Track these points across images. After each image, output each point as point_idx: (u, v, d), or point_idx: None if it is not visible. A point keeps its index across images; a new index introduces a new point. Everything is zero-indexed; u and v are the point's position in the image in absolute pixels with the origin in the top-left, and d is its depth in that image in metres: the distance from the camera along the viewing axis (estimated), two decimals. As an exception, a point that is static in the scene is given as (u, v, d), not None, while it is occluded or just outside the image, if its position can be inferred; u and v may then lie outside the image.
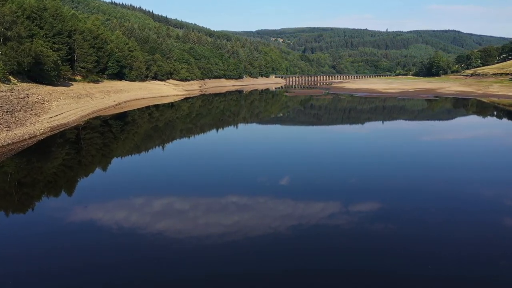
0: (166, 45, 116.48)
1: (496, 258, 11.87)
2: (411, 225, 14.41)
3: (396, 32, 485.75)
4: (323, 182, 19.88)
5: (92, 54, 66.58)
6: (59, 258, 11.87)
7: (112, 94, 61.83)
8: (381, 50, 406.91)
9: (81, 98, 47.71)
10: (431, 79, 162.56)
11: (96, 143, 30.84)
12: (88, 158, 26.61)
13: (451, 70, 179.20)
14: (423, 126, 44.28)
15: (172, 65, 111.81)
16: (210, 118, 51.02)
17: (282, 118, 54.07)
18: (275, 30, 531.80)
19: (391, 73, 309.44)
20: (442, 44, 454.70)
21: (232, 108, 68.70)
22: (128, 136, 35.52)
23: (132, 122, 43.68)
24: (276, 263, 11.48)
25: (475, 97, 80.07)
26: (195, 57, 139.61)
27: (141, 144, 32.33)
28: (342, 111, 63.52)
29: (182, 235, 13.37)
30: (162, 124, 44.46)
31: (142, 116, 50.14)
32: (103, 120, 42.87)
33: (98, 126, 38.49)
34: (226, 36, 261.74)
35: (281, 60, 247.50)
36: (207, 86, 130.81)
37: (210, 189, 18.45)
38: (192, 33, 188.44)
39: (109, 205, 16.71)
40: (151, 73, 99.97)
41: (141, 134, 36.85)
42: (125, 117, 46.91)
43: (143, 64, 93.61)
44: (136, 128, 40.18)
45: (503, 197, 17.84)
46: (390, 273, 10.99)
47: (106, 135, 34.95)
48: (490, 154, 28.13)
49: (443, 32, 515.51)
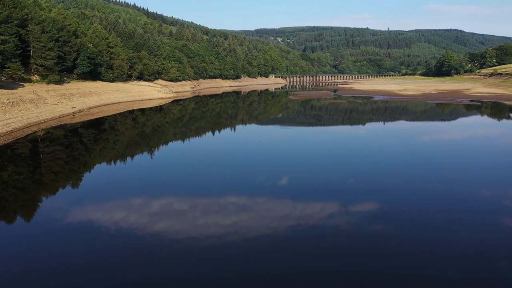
0: (154, 41, 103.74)
1: (497, 258, 11.69)
2: (411, 225, 14.11)
3: (397, 31, 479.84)
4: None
5: (54, 48, 54.13)
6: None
7: (76, 98, 49.45)
8: (383, 49, 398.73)
9: (17, 106, 35.08)
10: (444, 80, 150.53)
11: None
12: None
13: (464, 69, 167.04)
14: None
15: (160, 63, 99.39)
16: (205, 122, 44.05)
17: (296, 140, 34.01)
18: (274, 29, 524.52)
19: (394, 72, 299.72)
20: (445, 43, 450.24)
21: (229, 110, 57.17)
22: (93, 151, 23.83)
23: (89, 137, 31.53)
24: (276, 264, 11.32)
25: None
26: (188, 55, 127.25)
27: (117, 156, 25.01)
28: (383, 128, 41.47)
29: (181, 235, 13.11)
30: (149, 130, 37.83)
31: (113, 125, 38.00)
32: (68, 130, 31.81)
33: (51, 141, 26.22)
34: (223, 34, 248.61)
35: (281, 59, 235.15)
36: (201, 87, 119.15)
37: (208, 190, 17.92)
38: (186, 29, 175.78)
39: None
40: (136, 72, 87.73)
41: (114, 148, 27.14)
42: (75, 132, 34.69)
43: (125, 62, 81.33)
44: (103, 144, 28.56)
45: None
46: (390, 273, 10.76)
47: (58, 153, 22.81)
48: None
49: (445, 31, 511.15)
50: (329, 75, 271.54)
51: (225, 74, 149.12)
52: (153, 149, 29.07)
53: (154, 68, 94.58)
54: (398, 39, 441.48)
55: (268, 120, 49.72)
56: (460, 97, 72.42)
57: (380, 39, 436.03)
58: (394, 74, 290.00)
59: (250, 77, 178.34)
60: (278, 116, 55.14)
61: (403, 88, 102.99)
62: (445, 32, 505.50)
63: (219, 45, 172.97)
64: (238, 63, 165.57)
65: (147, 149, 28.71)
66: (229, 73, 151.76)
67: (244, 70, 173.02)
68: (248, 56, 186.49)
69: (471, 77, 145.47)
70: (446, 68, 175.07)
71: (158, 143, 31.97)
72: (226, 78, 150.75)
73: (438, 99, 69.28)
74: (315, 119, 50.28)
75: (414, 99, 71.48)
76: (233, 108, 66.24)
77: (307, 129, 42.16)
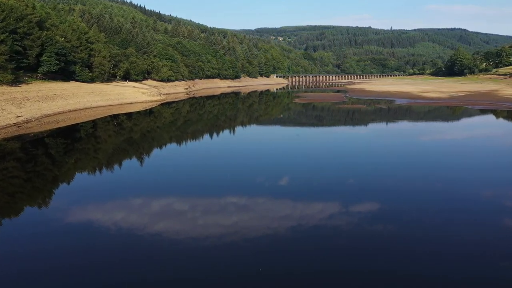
0: (144, 37, 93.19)
1: (497, 258, 11.17)
2: (412, 225, 13.49)
3: (401, 30, 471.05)
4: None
5: (8, 41, 43.85)
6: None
7: (30, 103, 39.17)
8: (386, 49, 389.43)
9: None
10: (459, 80, 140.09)
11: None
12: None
13: (478, 68, 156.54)
14: None
15: (150, 62, 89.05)
16: (202, 124, 39.84)
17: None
18: (275, 29, 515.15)
19: (399, 72, 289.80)
20: (449, 42, 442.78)
21: (227, 112, 49.35)
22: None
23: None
24: (276, 264, 10.92)
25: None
26: (183, 53, 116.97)
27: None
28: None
29: (181, 236, 12.72)
30: (137, 136, 33.83)
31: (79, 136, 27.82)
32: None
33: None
34: (223, 33, 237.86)
35: (283, 59, 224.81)
36: (197, 88, 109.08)
37: (207, 191, 17.30)
38: (182, 26, 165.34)
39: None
40: (121, 72, 77.47)
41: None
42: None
43: (108, 60, 71.07)
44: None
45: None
46: (391, 274, 10.34)
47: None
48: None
49: (449, 30, 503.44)
50: (332, 75, 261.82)
51: (224, 74, 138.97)
52: (142, 157, 25.83)
53: (143, 67, 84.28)
54: (402, 38, 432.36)
55: (272, 135, 39.36)
56: (497, 101, 61.81)
57: (383, 38, 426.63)
58: (399, 74, 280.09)
59: (250, 77, 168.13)
60: (288, 126, 44.65)
61: (421, 89, 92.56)
62: (449, 31, 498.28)
63: (217, 43, 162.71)
64: (238, 62, 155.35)
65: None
66: (228, 73, 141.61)
67: (244, 70, 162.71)
68: (248, 55, 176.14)
69: (488, 77, 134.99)
70: (458, 67, 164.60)
71: (147, 154, 27.28)
72: (225, 78, 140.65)
73: (475, 104, 58.11)
74: (342, 138, 33.66)
75: (446, 103, 60.48)
76: (232, 110, 58.72)
77: (342, 162, 23.67)
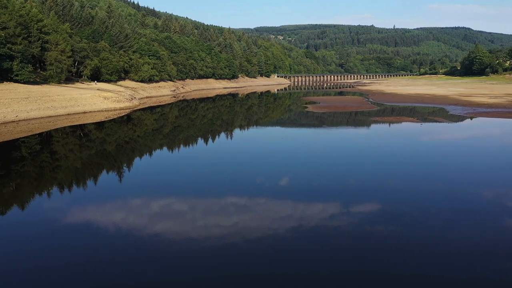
0: (121, 28, 77.42)
1: (499, 258, 11.20)
2: (413, 225, 13.49)
3: (404, 29, 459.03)
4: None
5: None
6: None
7: None
8: (390, 47, 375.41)
9: None
10: (485, 80, 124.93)
11: None
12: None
13: (503, 67, 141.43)
14: None
15: (128, 58, 73.46)
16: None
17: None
18: (275, 27, 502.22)
19: (406, 72, 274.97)
20: (454, 41, 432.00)
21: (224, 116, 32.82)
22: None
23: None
24: (276, 264, 10.90)
25: None
26: (171, 50, 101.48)
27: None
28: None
29: (181, 236, 12.76)
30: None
31: None
32: None
33: None
34: (220, 30, 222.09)
35: (284, 57, 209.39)
36: (187, 90, 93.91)
37: (207, 191, 17.25)
38: (174, 21, 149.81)
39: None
40: (87, 70, 62.00)
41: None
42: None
43: (68, 55, 55.61)
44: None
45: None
46: (392, 274, 10.33)
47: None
48: None
49: (453, 29, 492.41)
50: (336, 75, 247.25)
51: (219, 73, 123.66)
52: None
53: (118, 65, 68.75)
54: (406, 37, 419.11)
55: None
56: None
57: (387, 36, 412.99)
58: (405, 74, 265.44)
59: (249, 77, 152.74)
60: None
61: (455, 91, 77.34)
62: (453, 30, 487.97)
63: (212, 39, 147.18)
64: (235, 60, 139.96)
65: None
66: (224, 72, 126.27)
67: (242, 69, 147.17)
68: (247, 52, 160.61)
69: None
70: (477, 66, 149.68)
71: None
72: (220, 78, 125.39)
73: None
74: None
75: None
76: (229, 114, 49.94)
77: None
